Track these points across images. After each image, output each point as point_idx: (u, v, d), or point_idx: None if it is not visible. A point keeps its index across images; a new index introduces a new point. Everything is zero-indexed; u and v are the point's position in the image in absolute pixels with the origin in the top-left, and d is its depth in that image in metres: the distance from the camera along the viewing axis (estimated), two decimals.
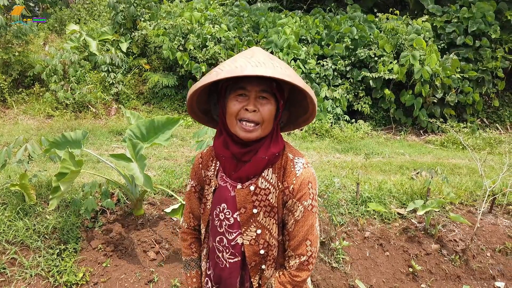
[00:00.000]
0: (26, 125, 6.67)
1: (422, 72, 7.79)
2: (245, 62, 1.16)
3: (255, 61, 1.16)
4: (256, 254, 1.34)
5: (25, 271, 2.91)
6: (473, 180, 4.92)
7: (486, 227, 4.01)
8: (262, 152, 1.27)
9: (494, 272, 3.71)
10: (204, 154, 1.47)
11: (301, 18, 9.30)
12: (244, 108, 1.23)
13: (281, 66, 1.19)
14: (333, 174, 4.40)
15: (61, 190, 2.88)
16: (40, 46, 8.74)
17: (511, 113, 9.30)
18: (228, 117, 1.27)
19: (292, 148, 1.38)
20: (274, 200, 1.31)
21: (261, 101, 1.24)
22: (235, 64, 1.16)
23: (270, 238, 1.33)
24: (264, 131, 1.27)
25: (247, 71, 1.12)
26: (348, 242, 3.58)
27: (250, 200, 1.31)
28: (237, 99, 1.25)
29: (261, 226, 1.32)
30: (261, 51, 1.26)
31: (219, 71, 1.16)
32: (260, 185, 1.30)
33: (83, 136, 3.28)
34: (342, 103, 8.10)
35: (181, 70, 7.99)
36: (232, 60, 1.21)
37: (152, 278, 3.08)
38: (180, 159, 5.23)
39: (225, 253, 1.37)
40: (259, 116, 1.24)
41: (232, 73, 1.13)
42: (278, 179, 1.31)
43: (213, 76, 1.16)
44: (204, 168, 1.45)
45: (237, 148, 1.28)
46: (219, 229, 1.38)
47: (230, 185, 1.36)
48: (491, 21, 8.81)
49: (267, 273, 1.38)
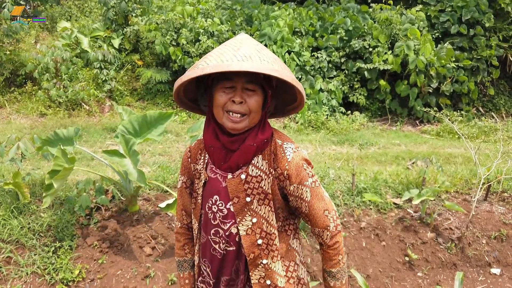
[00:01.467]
0: (19, 124, 6.62)
1: (417, 62, 7.77)
2: (231, 55, 1.14)
3: (242, 55, 1.14)
4: (253, 244, 1.32)
5: (21, 270, 2.90)
6: (469, 168, 4.93)
7: (482, 214, 4.02)
8: (250, 139, 1.27)
9: (489, 259, 3.73)
10: (192, 148, 1.46)
11: (295, 10, 9.25)
12: (231, 100, 1.22)
13: (268, 59, 1.18)
14: (328, 165, 4.40)
15: (54, 188, 2.87)
16: (31, 44, 8.65)
17: (506, 101, 9.31)
18: (215, 108, 1.26)
19: (281, 134, 1.38)
20: (267, 187, 1.30)
21: (248, 92, 1.23)
22: (221, 58, 1.14)
23: (268, 226, 1.33)
24: (251, 122, 1.26)
25: (233, 67, 1.11)
26: (344, 233, 3.59)
27: (242, 189, 1.30)
28: (224, 91, 1.23)
29: (256, 214, 1.31)
30: (249, 41, 1.24)
31: (205, 65, 1.14)
32: (251, 173, 1.30)
33: (76, 133, 3.25)
34: (337, 95, 8.08)
35: (174, 65, 7.94)
36: (218, 53, 1.19)
37: (148, 273, 3.07)
38: (175, 155, 5.21)
39: (221, 244, 1.36)
40: (246, 107, 1.23)
41: (218, 68, 1.11)
42: (269, 165, 1.30)
43: (198, 70, 1.14)
44: (193, 162, 1.44)
45: (225, 138, 1.28)
46: (213, 222, 1.36)
47: (221, 176, 1.34)
48: (485, 9, 8.79)
49: (274, 267, 1.35)
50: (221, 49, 1.21)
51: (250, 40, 1.26)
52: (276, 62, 1.19)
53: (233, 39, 1.27)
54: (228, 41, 1.27)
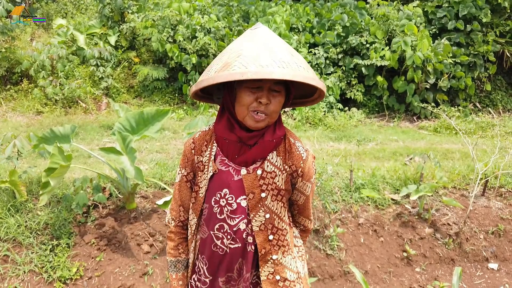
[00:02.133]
0: (15, 122, 6.59)
1: (414, 58, 7.77)
2: (269, 60, 1.13)
3: (279, 60, 1.13)
4: (266, 240, 1.33)
5: (18, 268, 2.89)
6: (466, 164, 4.94)
7: (479, 210, 4.04)
8: (268, 135, 1.29)
9: (487, 254, 3.75)
10: (197, 139, 1.40)
11: (291, 6, 9.22)
12: (258, 101, 1.22)
13: (302, 64, 1.18)
14: (326, 162, 4.40)
15: (51, 185, 2.85)
16: (27, 41, 8.59)
17: (503, 97, 9.33)
18: (240, 106, 1.24)
19: (291, 132, 1.40)
20: (281, 183, 1.33)
21: (273, 93, 1.24)
22: (259, 62, 1.12)
23: (280, 222, 1.35)
24: (271, 121, 1.27)
25: (275, 74, 1.10)
26: (343, 229, 3.59)
27: (257, 185, 1.31)
28: (251, 91, 1.22)
29: (269, 210, 1.33)
30: (277, 40, 1.22)
31: (243, 70, 1.11)
32: (266, 169, 1.32)
33: (72, 131, 3.24)
34: (335, 91, 8.07)
35: (171, 62, 7.90)
36: (253, 54, 1.14)
37: (146, 270, 3.07)
38: (172, 152, 5.19)
39: (225, 240, 1.34)
40: (269, 108, 1.24)
41: (260, 75, 1.09)
42: (284, 162, 1.33)
43: (237, 75, 1.10)
44: (197, 154, 1.39)
45: (244, 133, 1.28)
46: (219, 216, 1.34)
47: (233, 169, 1.33)
48: (482, 5, 8.78)
49: (285, 262, 1.38)
50: (252, 48, 1.17)
51: (277, 38, 1.24)
52: (308, 67, 1.20)
53: (259, 34, 1.23)
54: (254, 36, 1.22)
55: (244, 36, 1.25)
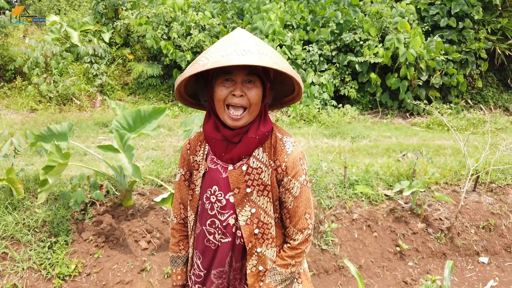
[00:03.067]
0: (9, 120, 6.56)
1: (407, 55, 7.85)
2: (231, 50, 1.17)
3: (241, 49, 1.17)
4: (251, 234, 1.36)
5: (17, 265, 2.91)
6: (458, 160, 5.03)
7: (470, 205, 4.12)
8: (252, 132, 1.31)
9: (478, 248, 3.83)
10: (192, 140, 1.48)
11: (286, 3, 9.25)
12: (231, 93, 1.25)
13: (267, 52, 1.20)
14: (320, 158, 4.46)
15: (49, 183, 2.87)
16: (20, 38, 8.55)
17: (494, 94, 9.45)
18: (216, 102, 1.29)
19: (280, 128, 1.42)
20: (267, 179, 1.34)
21: (247, 85, 1.26)
22: (221, 53, 1.17)
23: (265, 217, 1.37)
24: (251, 115, 1.30)
25: (233, 61, 1.13)
26: (337, 224, 3.65)
27: (242, 180, 1.34)
28: (224, 85, 1.26)
29: (255, 205, 1.35)
30: (247, 35, 1.27)
31: (205, 61, 1.17)
32: (251, 165, 1.34)
33: (69, 129, 3.25)
34: (328, 88, 8.13)
35: (166, 59, 7.91)
36: (218, 48, 1.21)
37: (144, 267, 3.10)
38: (168, 149, 5.22)
39: (217, 234, 1.39)
40: (246, 100, 1.26)
41: (218, 64, 1.14)
42: (269, 158, 1.35)
43: (199, 67, 1.16)
44: (192, 154, 1.46)
45: (227, 131, 1.31)
46: (210, 212, 1.40)
47: (221, 167, 1.38)
48: (474, 2, 8.88)
49: (268, 253, 1.40)
50: (220, 44, 1.23)
51: (248, 35, 1.28)
52: (275, 55, 1.22)
53: (231, 34, 1.29)
54: (227, 36, 1.29)
55: (221, 39, 1.30)
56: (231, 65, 1.15)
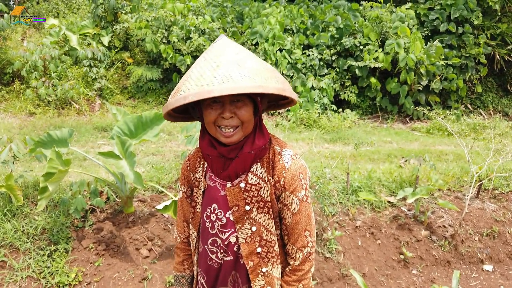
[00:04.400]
0: (7, 124, 6.50)
1: (407, 60, 7.84)
2: (211, 77, 1.10)
3: (221, 75, 1.10)
4: (252, 253, 1.31)
5: (16, 274, 2.86)
6: (460, 166, 5.00)
7: (474, 212, 4.09)
8: (247, 147, 1.25)
9: (482, 256, 3.80)
10: (191, 157, 1.45)
11: (286, 8, 9.24)
12: (221, 116, 1.20)
13: (249, 73, 1.11)
14: (324, 165, 4.42)
15: (49, 191, 2.82)
16: (18, 41, 8.49)
17: (493, 99, 9.46)
18: (207, 124, 1.24)
19: (279, 140, 1.36)
20: (266, 195, 1.29)
21: (236, 104, 1.20)
22: (201, 82, 1.10)
23: (268, 234, 1.32)
24: (245, 131, 1.24)
25: (214, 92, 1.06)
26: (340, 232, 3.61)
27: (241, 198, 1.29)
28: (212, 107, 1.20)
29: (256, 223, 1.30)
30: (228, 51, 1.18)
31: (186, 93, 1.10)
32: (250, 181, 1.29)
33: (70, 135, 3.20)
34: (328, 93, 8.11)
35: (165, 63, 7.87)
36: (197, 75, 1.13)
37: (146, 275, 3.05)
38: (169, 154, 5.17)
39: (219, 253, 1.35)
40: (237, 120, 1.20)
41: (199, 96, 1.07)
42: (268, 173, 1.29)
43: (181, 99, 1.10)
44: (192, 170, 1.43)
45: (222, 148, 1.26)
46: (211, 231, 1.35)
47: (220, 184, 1.33)
48: (473, 7, 8.90)
49: (274, 272, 1.35)
50: (200, 68, 1.16)
51: (229, 49, 1.19)
52: (258, 74, 1.13)
53: (212, 49, 1.21)
54: (208, 52, 1.21)
55: (203, 53, 1.23)
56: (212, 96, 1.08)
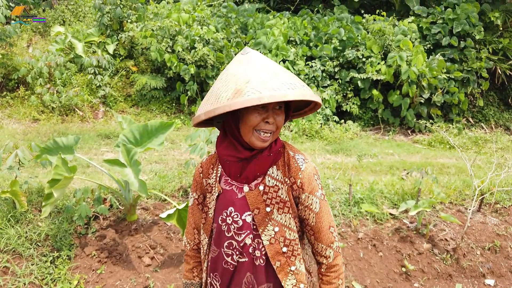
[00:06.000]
0: (11, 130, 6.53)
1: (409, 73, 7.90)
2: (278, 84, 1.19)
3: (285, 83, 1.20)
4: (278, 253, 1.36)
5: (18, 280, 2.86)
6: (462, 179, 5.01)
7: (476, 225, 4.09)
8: (267, 150, 1.34)
9: (484, 270, 3.79)
10: (204, 163, 1.49)
11: (289, 19, 9.33)
12: (265, 121, 1.27)
13: (304, 84, 1.26)
14: (327, 176, 4.44)
15: (54, 197, 2.84)
16: (23, 48, 8.57)
17: (495, 113, 9.50)
18: (246, 127, 1.29)
19: (291, 146, 1.44)
20: (284, 195, 1.35)
21: (276, 111, 1.30)
22: (271, 86, 1.17)
23: (291, 233, 1.37)
24: (275, 137, 1.33)
25: (288, 96, 1.16)
26: (342, 243, 3.61)
27: (261, 200, 1.35)
28: (258, 112, 1.27)
29: (278, 223, 1.36)
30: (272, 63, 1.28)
31: (260, 95, 1.15)
32: (268, 184, 1.35)
33: (75, 142, 3.23)
34: (331, 104, 8.15)
35: (170, 72, 7.93)
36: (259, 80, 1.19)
37: (148, 284, 3.05)
38: (172, 163, 5.19)
39: (234, 255, 1.39)
40: (274, 125, 1.30)
41: (275, 98, 1.15)
42: (284, 175, 1.36)
43: (254, 100, 1.15)
44: (205, 177, 1.47)
45: (247, 153, 1.33)
46: (227, 234, 1.39)
47: (237, 188, 1.38)
48: (475, 22, 8.99)
49: (302, 268, 1.40)
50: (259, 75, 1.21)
51: (271, 62, 1.28)
52: (304, 84, 1.27)
53: (254, 59, 1.27)
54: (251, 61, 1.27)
55: (240, 63, 1.28)
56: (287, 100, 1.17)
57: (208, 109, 1.22)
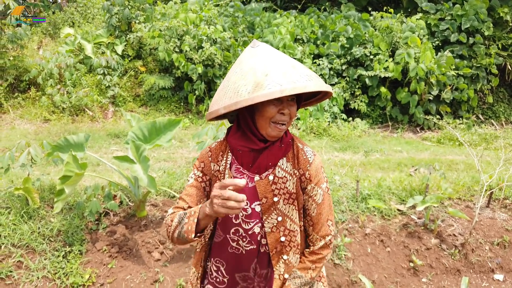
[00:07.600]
0: (23, 130, 6.66)
1: (417, 70, 7.86)
2: (296, 76, 1.22)
3: (303, 75, 1.24)
4: (277, 241, 1.42)
5: (32, 274, 2.93)
6: (470, 175, 4.99)
7: (484, 221, 4.07)
8: (278, 142, 1.40)
9: (492, 265, 3.78)
10: (213, 149, 1.48)
11: (296, 18, 9.35)
12: (280, 112, 1.32)
13: (316, 75, 1.30)
14: (333, 172, 4.45)
15: (65, 193, 2.90)
16: (34, 50, 8.71)
17: (505, 109, 9.41)
18: (263, 119, 1.33)
19: (299, 139, 1.50)
20: (292, 187, 1.40)
21: (290, 102, 1.34)
22: (291, 79, 1.21)
23: (291, 224, 1.42)
24: (288, 126, 1.38)
25: (309, 87, 1.20)
26: (350, 238, 3.63)
27: (270, 190, 1.40)
28: (274, 104, 1.31)
29: (282, 213, 1.41)
30: (286, 56, 1.32)
31: (281, 88, 1.18)
32: (277, 174, 1.40)
33: (86, 140, 3.30)
34: (339, 102, 8.15)
35: (177, 72, 8.00)
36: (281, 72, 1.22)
37: (157, 278, 3.10)
38: (180, 161, 5.25)
39: (241, 241, 1.43)
40: (288, 116, 1.35)
41: (297, 91, 1.19)
42: (293, 167, 1.42)
43: (276, 93, 1.18)
44: (214, 161, 1.46)
45: (262, 144, 1.38)
46: (234, 221, 1.42)
47: (248, 177, 1.42)
48: (484, 18, 8.91)
49: (293, 260, 1.45)
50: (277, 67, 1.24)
51: (282, 54, 1.33)
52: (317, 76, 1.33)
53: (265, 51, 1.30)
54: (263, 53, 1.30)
55: (253, 56, 1.30)
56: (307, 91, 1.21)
57: (227, 103, 1.23)
